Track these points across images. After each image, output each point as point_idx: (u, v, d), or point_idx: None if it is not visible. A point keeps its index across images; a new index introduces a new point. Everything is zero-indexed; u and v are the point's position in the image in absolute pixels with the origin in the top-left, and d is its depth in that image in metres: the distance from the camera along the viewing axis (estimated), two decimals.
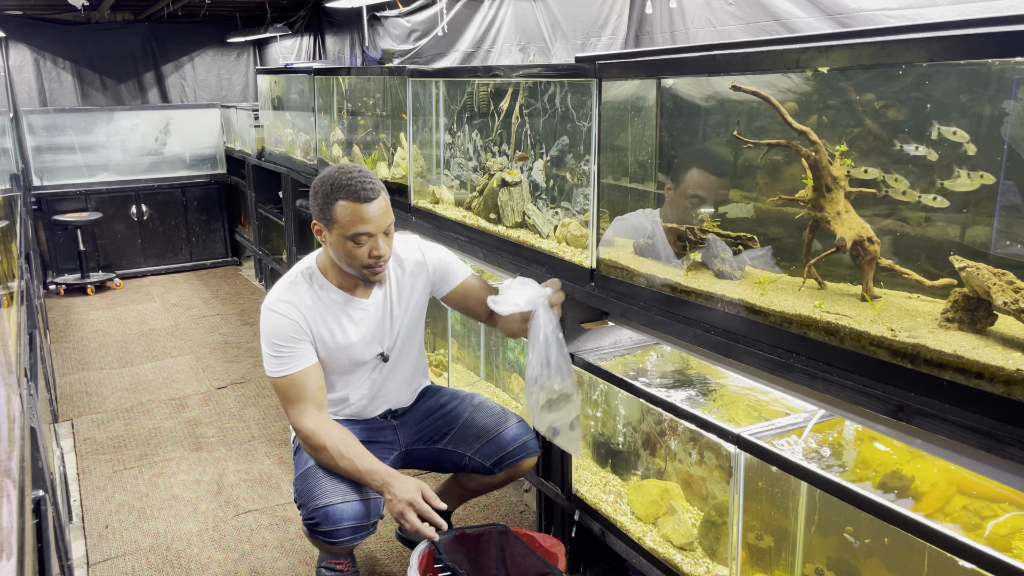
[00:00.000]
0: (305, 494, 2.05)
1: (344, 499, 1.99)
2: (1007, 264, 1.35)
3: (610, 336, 2.46)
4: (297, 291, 2.14)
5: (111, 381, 4.35)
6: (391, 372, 2.32)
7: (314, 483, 2.04)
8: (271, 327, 2.10)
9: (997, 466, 1.35)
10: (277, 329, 2.09)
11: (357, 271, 2.09)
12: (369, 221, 2.00)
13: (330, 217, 2.02)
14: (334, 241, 2.05)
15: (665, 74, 1.99)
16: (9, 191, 3.55)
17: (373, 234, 2.03)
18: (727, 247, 1.87)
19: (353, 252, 2.04)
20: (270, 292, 2.17)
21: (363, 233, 2.01)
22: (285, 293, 2.14)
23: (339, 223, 2.01)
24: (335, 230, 2.03)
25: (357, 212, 1.99)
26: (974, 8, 2.91)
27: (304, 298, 2.14)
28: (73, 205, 6.38)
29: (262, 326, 2.13)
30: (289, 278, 2.18)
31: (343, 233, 2.01)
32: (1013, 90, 1.29)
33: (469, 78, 2.95)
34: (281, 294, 2.14)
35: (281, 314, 2.10)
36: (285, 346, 2.09)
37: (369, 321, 2.22)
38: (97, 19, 8.61)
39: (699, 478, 2.17)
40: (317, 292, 2.16)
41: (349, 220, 1.99)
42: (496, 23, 5.65)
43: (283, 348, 2.09)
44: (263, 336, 2.12)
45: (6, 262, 2.29)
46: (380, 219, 2.02)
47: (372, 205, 2.00)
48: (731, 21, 3.83)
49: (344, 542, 2.03)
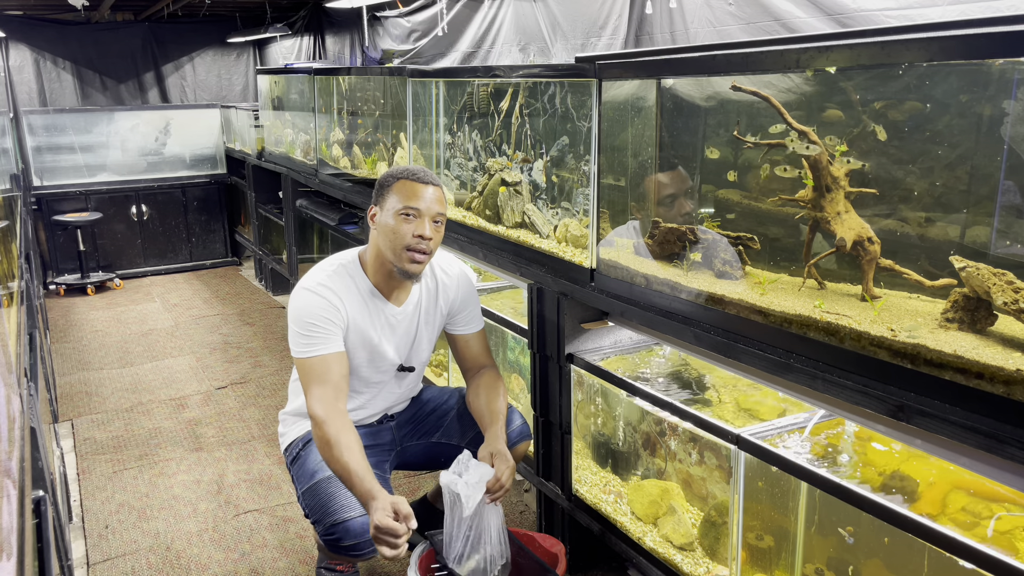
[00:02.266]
0: (319, 509, 2.04)
1: (361, 512, 1.99)
2: (1007, 264, 1.35)
3: (610, 336, 2.46)
4: (340, 280, 2.17)
5: (111, 381, 4.35)
6: (401, 381, 2.34)
7: (327, 499, 2.03)
8: (307, 306, 2.10)
9: (997, 466, 1.35)
10: (313, 309, 2.10)
11: (398, 255, 2.10)
12: (422, 198, 2.09)
13: (386, 195, 2.12)
14: (384, 219, 2.12)
15: (665, 74, 1.99)
16: (9, 191, 3.55)
17: (423, 213, 2.09)
18: (728, 246, 1.87)
19: (399, 229, 2.09)
20: (306, 276, 2.18)
21: (413, 208, 2.08)
22: (328, 279, 2.15)
23: (395, 197, 2.10)
24: (388, 205, 2.11)
25: (413, 188, 2.09)
26: (974, 8, 2.91)
27: (347, 286, 2.16)
28: (73, 205, 6.38)
29: (295, 304, 2.12)
30: (331, 267, 2.19)
31: (395, 207, 2.09)
32: (1013, 90, 1.29)
33: (469, 78, 2.95)
34: (324, 279, 2.15)
35: (321, 296, 2.11)
36: (319, 326, 2.09)
37: (398, 332, 2.24)
38: (97, 19, 8.61)
39: (699, 478, 2.17)
40: (358, 286, 2.18)
41: (403, 194, 2.09)
42: (496, 23, 5.65)
43: (316, 328, 2.09)
44: (295, 314, 2.11)
45: (6, 262, 2.29)
46: (432, 202, 2.11)
47: (428, 187, 2.11)
48: (731, 21, 3.84)
49: (368, 553, 2.03)
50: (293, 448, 2.24)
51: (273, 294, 6.06)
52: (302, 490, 2.12)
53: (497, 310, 2.81)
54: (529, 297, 2.48)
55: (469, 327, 2.36)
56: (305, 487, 2.11)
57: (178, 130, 6.86)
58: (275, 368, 4.44)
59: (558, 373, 2.44)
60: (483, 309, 2.82)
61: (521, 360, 2.96)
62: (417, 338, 2.30)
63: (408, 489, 3.07)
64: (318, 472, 2.09)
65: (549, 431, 2.53)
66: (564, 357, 2.39)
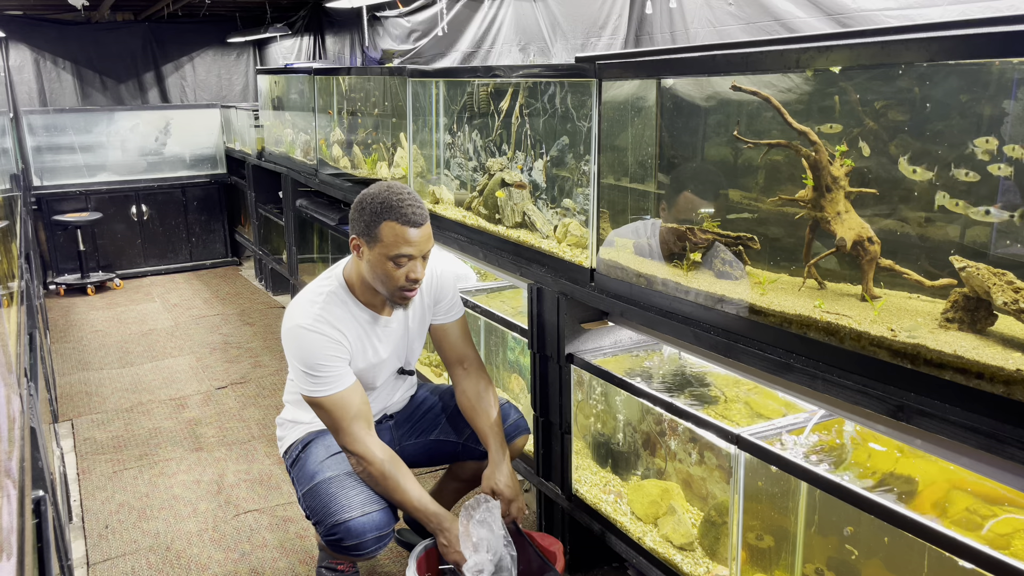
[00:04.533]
0: (320, 510, 2.04)
1: (363, 511, 2.00)
2: (1007, 264, 1.35)
3: (610, 336, 2.46)
4: (333, 310, 2.11)
5: (111, 381, 4.35)
6: (401, 383, 2.35)
7: (328, 499, 2.04)
8: (311, 347, 2.04)
9: (997, 466, 1.35)
10: (319, 350, 2.04)
11: (390, 292, 2.09)
12: (414, 244, 2.02)
13: (374, 235, 2.01)
14: (373, 259, 2.04)
15: (665, 74, 1.99)
16: (9, 191, 3.55)
17: (414, 257, 2.04)
18: (727, 247, 1.87)
19: (391, 273, 2.04)
20: (297, 311, 2.10)
21: (405, 256, 2.02)
22: (322, 312, 2.09)
23: (383, 243, 2.01)
24: (377, 249, 2.02)
25: (404, 235, 1.99)
26: (974, 8, 2.90)
27: (341, 317, 2.11)
28: (73, 205, 6.38)
29: (296, 346, 2.06)
30: (320, 297, 2.12)
31: (385, 253, 2.01)
32: (1013, 90, 1.29)
33: (469, 78, 2.95)
34: (318, 313, 2.08)
35: (322, 334, 2.05)
36: (327, 366, 2.04)
37: (393, 338, 2.24)
38: (97, 19, 8.61)
39: (699, 478, 2.17)
40: (351, 311, 2.14)
41: (394, 241, 2.00)
42: (496, 23, 5.65)
43: (325, 368, 2.04)
44: (299, 356, 2.05)
45: (6, 262, 2.29)
46: (423, 244, 2.04)
47: (419, 230, 2.02)
48: (731, 21, 3.83)
49: (370, 552, 2.04)
50: (292, 451, 2.24)
51: (273, 294, 6.06)
52: (303, 492, 2.12)
53: (497, 310, 2.81)
54: (529, 297, 2.48)
55: (448, 316, 2.33)
56: (306, 489, 2.11)
57: (178, 130, 6.85)
58: (275, 368, 4.44)
59: (558, 373, 2.44)
60: (484, 309, 2.83)
61: (521, 360, 2.96)
62: (410, 340, 2.30)
63: None
64: (318, 474, 2.10)
65: (549, 431, 2.53)
66: (564, 357, 2.39)
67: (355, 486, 2.05)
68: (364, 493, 2.05)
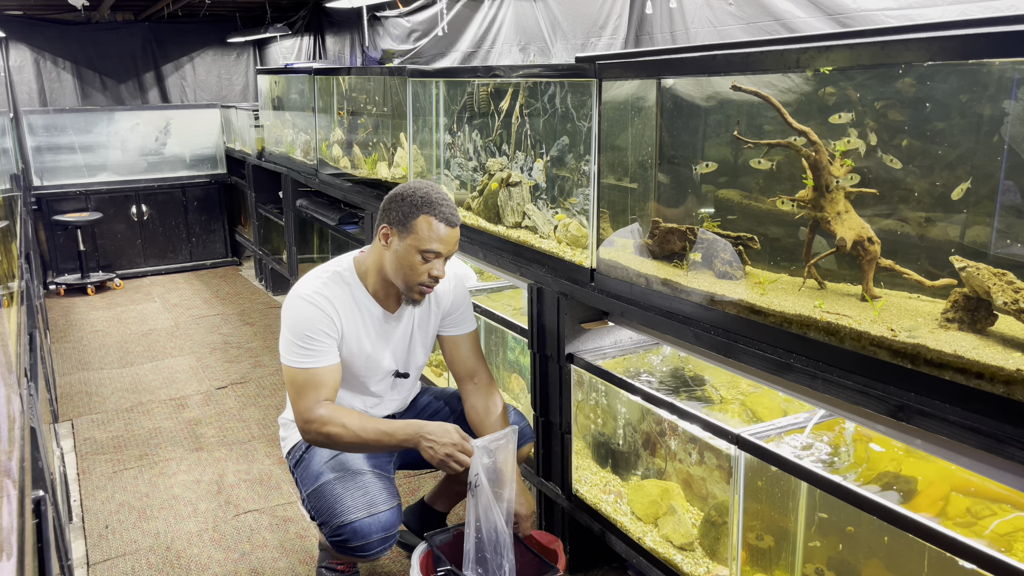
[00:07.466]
0: (325, 512, 2.04)
1: (369, 512, 2.00)
2: (1007, 264, 1.35)
3: (610, 336, 2.46)
4: (334, 289, 2.14)
5: (111, 381, 4.35)
6: (398, 387, 2.35)
7: (333, 501, 2.04)
8: (305, 317, 2.08)
9: (997, 466, 1.35)
10: (311, 321, 2.08)
11: (408, 286, 2.11)
12: (444, 243, 2.07)
13: (409, 226, 2.06)
14: (402, 250, 2.07)
15: (665, 74, 1.99)
16: (9, 191, 3.55)
17: (441, 255, 2.08)
18: (728, 246, 1.87)
19: (416, 267, 2.07)
20: (301, 283, 2.15)
21: (433, 251, 2.06)
22: (323, 287, 2.13)
23: (416, 235, 2.05)
24: (409, 240, 2.06)
25: (438, 231, 2.06)
26: (974, 8, 2.90)
27: (341, 297, 2.14)
28: (73, 205, 6.38)
29: (291, 314, 2.10)
30: (325, 274, 2.17)
31: (416, 245, 2.05)
32: (1013, 90, 1.29)
33: (469, 78, 2.95)
34: (319, 287, 2.12)
35: (317, 306, 2.09)
36: (314, 339, 2.07)
37: (394, 337, 2.24)
38: (97, 19, 8.61)
39: (699, 478, 2.17)
40: (353, 294, 2.16)
41: (428, 236, 2.05)
42: (496, 23, 5.65)
43: (312, 340, 2.07)
44: (290, 324, 2.09)
45: (6, 262, 2.29)
46: (452, 245, 2.10)
47: (453, 231, 2.09)
48: (731, 21, 3.83)
49: (375, 554, 2.04)
50: (296, 451, 2.23)
51: (273, 294, 6.06)
52: (307, 493, 2.12)
53: (497, 310, 2.81)
54: (529, 297, 2.48)
55: (459, 328, 2.34)
56: (310, 490, 2.11)
57: (178, 130, 6.85)
58: (275, 368, 4.44)
59: (558, 373, 2.44)
60: (484, 309, 2.83)
61: (521, 360, 2.96)
62: (412, 344, 2.29)
63: (408, 489, 3.07)
64: (323, 475, 2.10)
65: (549, 431, 2.53)
66: (564, 357, 2.39)
67: (360, 487, 2.05)
68: (370, 494, 2.04)
